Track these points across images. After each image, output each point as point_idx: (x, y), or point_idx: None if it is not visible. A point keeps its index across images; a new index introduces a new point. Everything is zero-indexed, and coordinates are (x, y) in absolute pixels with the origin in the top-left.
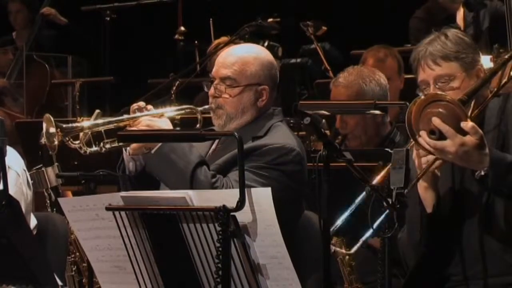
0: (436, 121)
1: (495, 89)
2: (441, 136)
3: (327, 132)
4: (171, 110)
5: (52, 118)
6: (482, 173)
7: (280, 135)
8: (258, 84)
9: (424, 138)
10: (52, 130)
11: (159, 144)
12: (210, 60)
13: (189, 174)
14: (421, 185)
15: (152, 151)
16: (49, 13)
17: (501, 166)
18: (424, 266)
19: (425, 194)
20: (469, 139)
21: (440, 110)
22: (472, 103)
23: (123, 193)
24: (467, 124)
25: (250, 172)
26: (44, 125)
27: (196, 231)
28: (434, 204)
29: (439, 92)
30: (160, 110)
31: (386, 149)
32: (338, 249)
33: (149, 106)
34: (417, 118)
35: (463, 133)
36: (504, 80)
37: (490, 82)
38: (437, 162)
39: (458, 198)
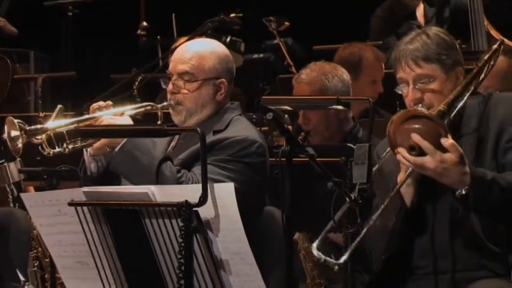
0: (415, 137)
1: (472, 88)
2: (421, 152)
3: (290, 127)
4: (131, 108)
5: (15, 121)
6: (463, 192)
7: (242, 128)
8: (216, 77)
9: (403, 154)
10: (15, 133)
11: (122, 142)
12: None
13: (155, 170)
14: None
15: (115, 150)
16: None
17: (482, 185)
18: (392, 259)
19: (406, 189)
20: (449, 157)
21: (419, 126)
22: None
23: (86, 189)
24: (447, 141)
25: (213, 165)
26: (6, 128)
27: (159, 226)
28: (414, 199)
29: (419, 109)
30: (120, 109)
31: (349, 144)
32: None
33: (109, 102)
34: (396, 132)
35: (443, 149)
36: (481, 76)
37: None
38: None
39: (431, 192)
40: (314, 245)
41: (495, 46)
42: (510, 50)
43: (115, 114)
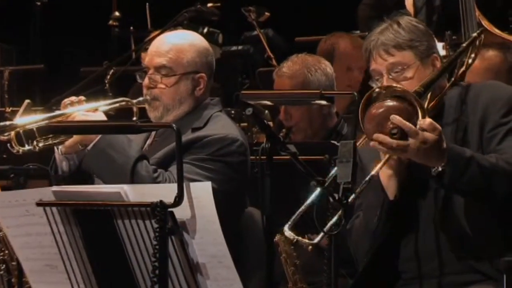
0: (396, 118)
1: (453, 79)
2: (402, 135)
3: (270, 123)
4: (105, 104)
5: None
6: (440, 169)
7: (221, 125)
8: (195, 72)
9: (384, 139)
10: None
11: (95, 140)
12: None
13: (130, 170)
14: (385, 173)
15: (88, 148)
16: None
17: (459, 161)
18: (377, 261)
19: (388, 182)
20: (430, 136)
21: (389, 106)
22: (429, 94)
23: (55, 188)
24: (425, 121)
25: (192, 165)
26: None
27: (132, 228)
28: (397, 192)
29: (394, 85)
30: (93, 105)
31: (333, 141)
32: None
33: (82, 98)
34: (370, 116)
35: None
36: (462, 69)
37: (451, 72)
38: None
39: (416, 190)
40: (286, 227)
41: (474, 34)
42: (502, 44)
43: (88, 110)
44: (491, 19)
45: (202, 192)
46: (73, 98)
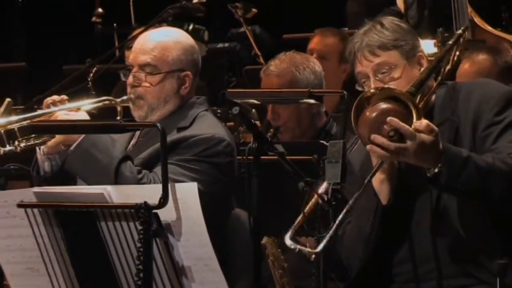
0: (393, 121)
1: (440, 77)
2: (400, 137)
3: (257, 122)
4: (88, 103)
5: None
6: (436, 170)
7: (208, 125)
8: (181, 70)
9: (382, 142)
10: None
11: (78, 140)
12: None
13: (113, 171)
14: (377, 177)
15: (71, 148)
16: None
17: (455, 161)
18: (370, 265)
19: (381, 186)
20: (427, 138)
21: (385, 108)
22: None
23: (36, 189)
24: (422, 123)
25: (177, 166)
26: None
27: (115, 230)
28: (390, 196)
29: (386, 86)
30: (76, 104)
31: (322, 141)
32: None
33: (64, 97)
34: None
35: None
36: (447, 67)
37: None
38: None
39: (409, 194)
40: (288, 235)
41: (459, 31)
42: (492, 48)
43: (71, 109)
44: (483, 16)
45: (188, 193)
46: (55, 97)
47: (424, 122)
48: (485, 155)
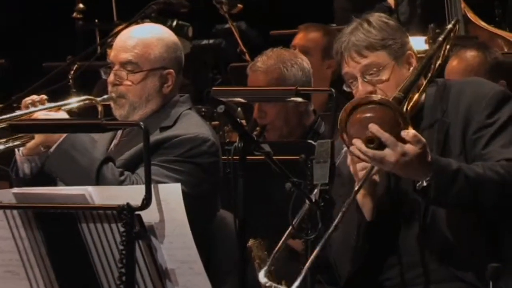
0: (373, 127)
1: (430, 74)
2: (380, 145)
3: (243, 121)
4: (68, 103)
5: None
6: (424, 183)
7: (191, 124)
8: (163, 68)
9: (360, 147)
10: None
11: (58, 141)
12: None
13: (95, 173)
14: (360, 192)
15: (51, 149)
16: None
17: (444, 175)
18: (360, 270)
19: (363, 201)
20: (411, 149)
21: (375, 114)
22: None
23: (16, 190)
24: (409, 133)
25: (161, 167)
26: None
27: (97, 232)
28: (374, 211)
29: (374, 95)
30: (56, 104)
31: (309, 141)
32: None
33: (43, 97)
34: (349, 123)
35: (403, 140)
36: (438, 62)
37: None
38: (376, 169)
39: (396, 202)
40: (262, 272)
41: (449, 26)
42: (481, 44)
43: (51, 109)
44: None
45: (171, 194)
46: (34, 97)
47: (411, 132)
48: (475, 164)
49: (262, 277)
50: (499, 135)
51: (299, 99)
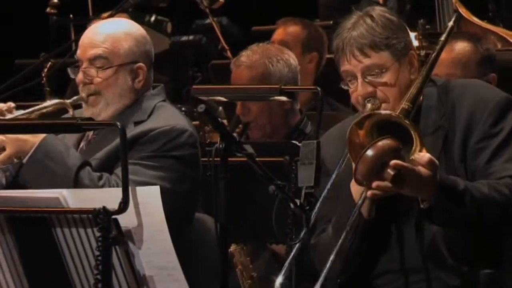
0: (396, 163)
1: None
2: (400, 175)
3: (225, 121)
4: (38, 109)
5: None
6: (430, 203)
7: (167, 116)
8: (134, 62)
9: (383, 186)
10: None
11: (31, 152)
12: None
13: (72, 181)
14: (358, 191)
15: (24, 160)
16: None
17: (451, 197)
18: (351, 276)
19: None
20: (426, 173)
21: (385, 143)
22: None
23: None
24: (423, 158)
25: (139, 165)
26: None
27: (72, 237)
28: (372, 209)
29: (385, 113)
30: (25, 111)
31: (294, 141)
32: None
33: (11, 104)
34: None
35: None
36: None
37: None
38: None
39: (392, 207)
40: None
41: (450, 23)
42: (472, 35)
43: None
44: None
45: (150, 197)
46: (1, 105)
47: (426, 157)
48: (481, 182)
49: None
50: (503, 148)
51: (283, 98)
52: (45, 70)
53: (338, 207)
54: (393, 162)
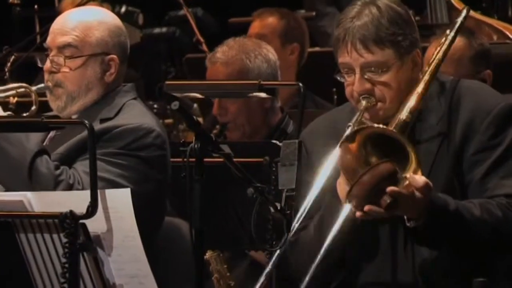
0: (393, 190)
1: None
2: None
3: (200, 119)
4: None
5: None
6: (418, 223)
7: (135, 114)
8: (105, 53)
9: (376, 211)
10: None
11: None
12: None
13: (27, 166)
14: (344, 190)
15: None
16: None
17: (440, 219)
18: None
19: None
20: (420, 197)
21: (384, 168)
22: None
23: None
24: (419, 182)
25: (101, 160)
26: None
27: (37, 242)
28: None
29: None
30: None
31: (274, 141)
32: None
33: None
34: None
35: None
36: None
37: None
38: None
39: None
40: None
41: (460, 18)
42: (466, 29)
43: None
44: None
45: (120, 200)
46: None
47: (422, 181)
48: (472, 202)
49: None
50: (500, 163)
51: (263, 95)
52: (8, 64)
53: (322, 206)
54: (390, 189)
